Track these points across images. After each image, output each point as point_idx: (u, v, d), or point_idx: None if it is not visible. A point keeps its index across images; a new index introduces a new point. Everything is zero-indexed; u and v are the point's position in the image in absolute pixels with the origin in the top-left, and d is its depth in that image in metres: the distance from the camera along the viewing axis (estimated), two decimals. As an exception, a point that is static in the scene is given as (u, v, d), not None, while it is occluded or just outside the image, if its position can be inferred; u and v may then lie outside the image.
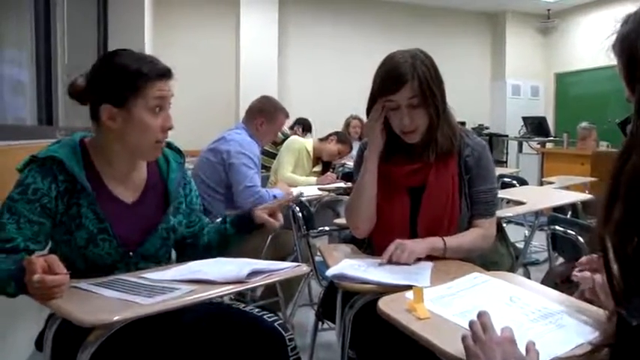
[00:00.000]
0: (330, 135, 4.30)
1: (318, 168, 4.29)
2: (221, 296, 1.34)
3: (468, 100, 8.66)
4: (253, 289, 2.69)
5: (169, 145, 1.73)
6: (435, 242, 1.70)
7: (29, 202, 1.42)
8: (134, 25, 4.97)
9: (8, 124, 2.69)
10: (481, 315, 0.98)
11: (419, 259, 1.63)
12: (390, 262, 1.59)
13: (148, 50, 5.20)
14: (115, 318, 1.09)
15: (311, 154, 4.11)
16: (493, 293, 1.32)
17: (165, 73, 1.53)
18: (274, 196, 3.00)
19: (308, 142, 4.26)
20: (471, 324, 0.97)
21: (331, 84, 8.30)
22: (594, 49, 8.61)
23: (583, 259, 1.26)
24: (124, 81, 1.48)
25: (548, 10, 9.11)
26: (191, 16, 7.67)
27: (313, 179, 3.97)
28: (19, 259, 1.29)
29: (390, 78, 1.68)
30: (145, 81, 1.48)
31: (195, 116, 6.57)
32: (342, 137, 4.29)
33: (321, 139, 4.32)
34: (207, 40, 7.71)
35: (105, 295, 1.25)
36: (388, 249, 1.62)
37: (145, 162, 1.65)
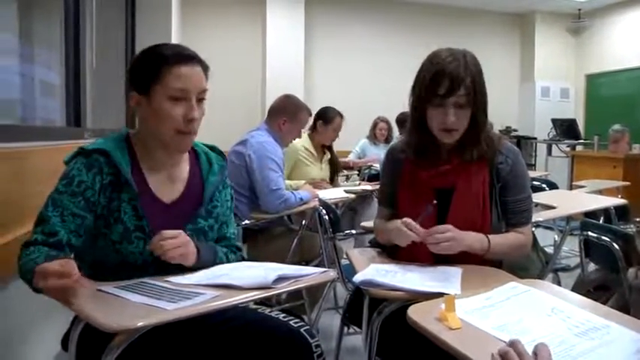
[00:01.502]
0: (314, 122, 4.00)
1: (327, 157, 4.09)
2: (247, 302, 1.32)
3: (496, 102, 8.44)
4: (279, 293, 2.68)
5: (213, 149, 1.74)
6: (482, 239, 1.66)
7: (73, 194, 1.43)
8: (161, 27, 5.00)
9: (37, 126, 2.72)
10: (515, 344, 0.93)
11: (446, 264, 1.60)
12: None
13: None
14: (139, 324, 1.08)
15: (311, 149, 3.95)
16: (533, 305, 1.26)
17: (187, 57, 1.51)
18: (301, 198, 2.98)
19: (302, 141, 3.92)
20: (504, 353, 0.91)
21: (358, 85, 8.26)
22: (627, 50, 8.44)
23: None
24: (147, 66, 1.50)
25: (579, 9, 8.93)
26: (218, 18, 7.71)
27: (302, 182, 3.80)
28: (53, 255, 1.30)
29: (444, 77, 1.64)
30: (166, 66, 1.47)
31: (222, 117, 6.59)
32: (325, 116, 3.98)
33: (311, 130, 4.03)
34: (234, 41, 7.74)
35: (129, 299, 1.24)
36: (437, 229, 1.59)
37: (186, 161, 1.65)
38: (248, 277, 1.37)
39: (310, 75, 8.05)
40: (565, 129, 7.46)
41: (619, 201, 3.48)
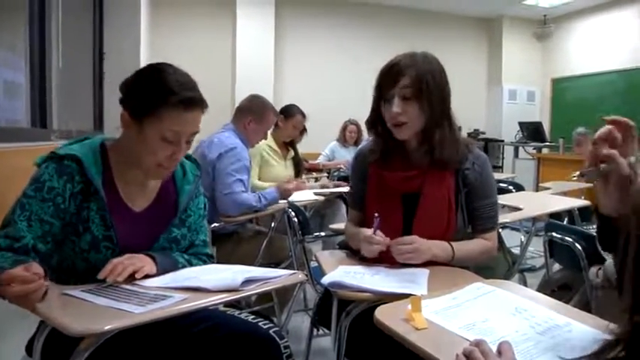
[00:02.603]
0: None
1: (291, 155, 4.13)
2: (214, 305, 1.32)
3: (463, 105, 8.58)
4: (249, 295, 2.67)
5: (188, 157, 1.72)
6: (446, 248, 1.69)
7: (43, 200, 1.41)
8: (130, 27, 4.94)
9: (1, 126, 2.66)
10: (479, 343, 0.95)
11: (415, 265, 1.61)
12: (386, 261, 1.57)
13: (144, 53, 5.18)
14: (106, 328, 1.07)
15: (274, 146, 3.97)
16: (498, 304, 1.29)
17: (190, 101, 1.48)
18: (265, 198, 2.96)
19: (266, 140, 3.87)
20: (469, 353, 0.93)
21: (328, 88, 8.28)
22: (589, 55, 8.67)
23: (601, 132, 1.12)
24: (148, 95, 1.46)
25: (545, 15, 9.12)
26: (187, 20, 7.64)
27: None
28: (19, 260, 1.27)
29: (389, 70, 1.69)
30: (166, 105, 1.44)
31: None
32: (287, 111, 4.04)
33: (274, 127, 3.99)
34: (204, 43, 7.67)
35: (96, 303, 1.23)
36: (402, 240, 1.62)
37: None
38: (216, 280, 1.37)
39: (280, 77, 8.04)
40: (531, 132, 7.60)
41: (582, 202, 3.57)
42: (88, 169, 1.45)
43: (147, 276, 1.43)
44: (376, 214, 1.65)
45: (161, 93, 1.45)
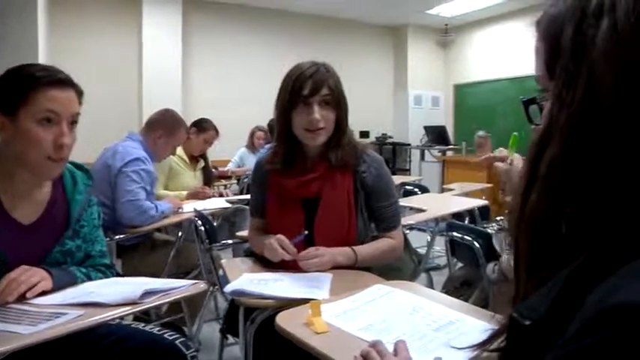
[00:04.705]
0: (189, 128, 3.92)
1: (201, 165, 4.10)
2: (113, 319, 1.27)
3: (371, 110, 8.89)
4: (157, 307, 2.61)
5: (80, 167, 1.65)
6: (349, 254, 1.73)
7: None
8: (26, 27, 4.67)
9: None
10: (376, 344, 0.98)
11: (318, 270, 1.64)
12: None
13: (42, 56, 4.92)
14: (-9, 352, 1.01)
15: (184, 156, 3.92)
16: (396, 305, 1.34)
17: (60, 81, 1.43)
18: (162, 212, 2.89)
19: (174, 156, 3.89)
20: (366, 354, 0.95)
21: (236, 93, 8.18)
22: (487, 63, 9.15)
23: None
24: (14, 87, 1.40)
25: (446, 25, 9.53)
26: (90, 21, 7.31)
27: (184, 193, 3.74)
28: None
29: (307, 80, 1.72)
30: (35, 88, 1.39)
31: (95, 126, 6.25)
32: (200, 125, 4.03)
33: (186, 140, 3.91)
34: (108, 47, 7.36)
35: (-18, 325, 1.16)
36: (307, 253, 1.66)
37: (48, 180, 1.55)
38: (115, 294, 1.34)
39: (188, 83, 7.88)
40: (436, 135, 7.90)
41: (481, 202, 3.77)
42: None
43: (43, 293, 1.36)
44: (306, 232, 1.70)
45: (28, 80, 1.41)
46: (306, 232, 1.70)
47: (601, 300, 0.45)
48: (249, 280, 1.54)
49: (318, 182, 1.77)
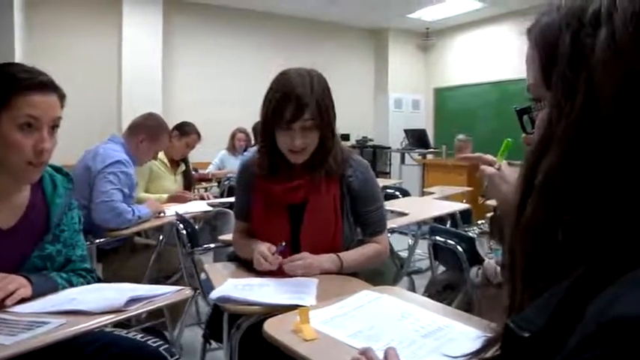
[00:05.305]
0: (171, 132, 3.87)
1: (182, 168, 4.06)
2: (96, 328, 1.25)
3: (352, 113, 8.90)
4: (138, 312, 2.57)
5: (59, 170, 1.62)
6: (334, 260, 1.72)
7: None
8: (2, 26, 4.59)
9: None
10: (366, 351, 0.97)
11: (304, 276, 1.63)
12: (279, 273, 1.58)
13: (18, 55, 4.83)
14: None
15: (165, 160, 3.88)
16: (385, 311, 1.33)
17: (42, 85, 1.40)
18: (139, 216, 2.84)
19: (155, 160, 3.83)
20: None
21: (217, 95, 8.13)
22: (467, 67, 9.24)
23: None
24: None
25: (427, 29, 9.60)
26: (69, 21, 7.20)
27: (165, 196, 3.70)
28: None
29: (289, 102, 1.65)
30: (17, 92, 1.36)
31: (74, 128, 6.15)
32: (182, 128, 3.99)
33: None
34: (87, 47, 7.25)
35: (-41, 336, 1.12)
36: (292, 259, 1.64)
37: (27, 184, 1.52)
38: (98, 301, 1.31)
39: (169, 84, 7.81)
40: (416, 139, 7.94)
41: (463, 206, 3.78)
42: None
43: (22, 300, 1.33)
44: (284, 243, 1.67)
45: (9, 82, 1.37)
46: (284, 243, 1.67)
47: (600, 312, 0.45)
48: (233, 286, 1.52)
49: (305, 189, 1.76)
